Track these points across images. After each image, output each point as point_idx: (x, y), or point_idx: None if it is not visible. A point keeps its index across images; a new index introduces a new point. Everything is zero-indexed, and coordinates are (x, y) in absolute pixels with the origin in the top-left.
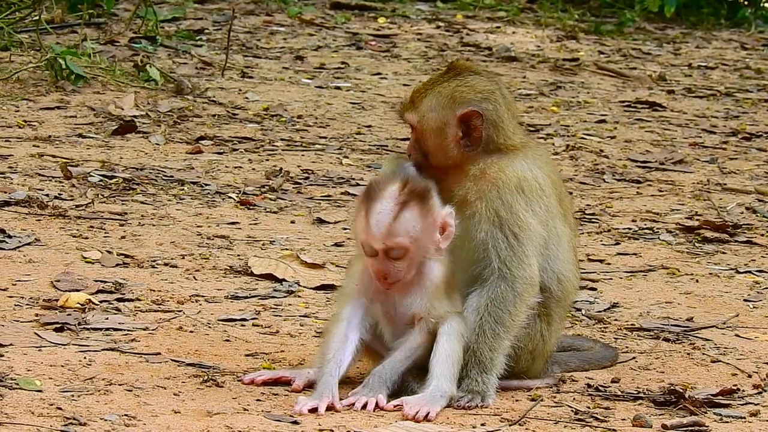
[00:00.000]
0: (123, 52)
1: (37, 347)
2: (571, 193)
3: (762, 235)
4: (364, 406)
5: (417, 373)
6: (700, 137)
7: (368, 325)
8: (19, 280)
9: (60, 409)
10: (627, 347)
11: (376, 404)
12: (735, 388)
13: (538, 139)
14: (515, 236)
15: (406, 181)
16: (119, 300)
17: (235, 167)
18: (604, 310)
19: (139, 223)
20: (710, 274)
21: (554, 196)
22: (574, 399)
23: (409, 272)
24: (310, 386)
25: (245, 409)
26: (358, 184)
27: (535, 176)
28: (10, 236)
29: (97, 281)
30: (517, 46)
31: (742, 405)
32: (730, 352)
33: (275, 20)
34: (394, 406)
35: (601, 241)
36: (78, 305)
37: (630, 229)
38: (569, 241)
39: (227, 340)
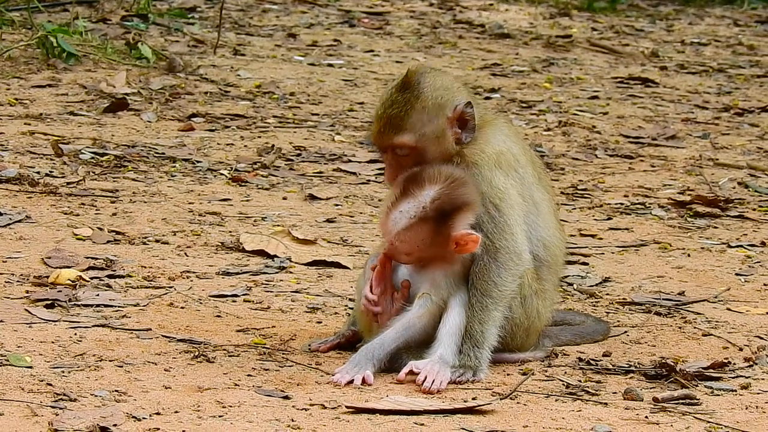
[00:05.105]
0: (115, 30)
1: (27, 324)
2: (563, 170)
3: (754, 209)
4: (350, 383)
5: (411, 350)
6: (693, 113)
7: None
8: (10, 257)
9: (50, 385)
10: (618, 321)
11: (363, 380)
12: (726, 361)
13: (531, 115)
14: (496, 207)
15: (441, 194)
16: (110, 276)
17: (227, 144)
18: (596, 285)
19: (131, 200)
20: (702, 248)
21: (529, 165)
22: (565, 373)
23: (415, 262)
24: None
25: (236, 385)
26: (350, 161)
27: (510, 148)
28: (1, 213)
29: (88, 258)
30: (510, 23)
31: (733, 378)
32: (722, 325)
33: None
34: (406, 374)
35: (593, 216)
36: (69, 282)
37: (622, 204)
38: (548, 205)
39: (218, 316)
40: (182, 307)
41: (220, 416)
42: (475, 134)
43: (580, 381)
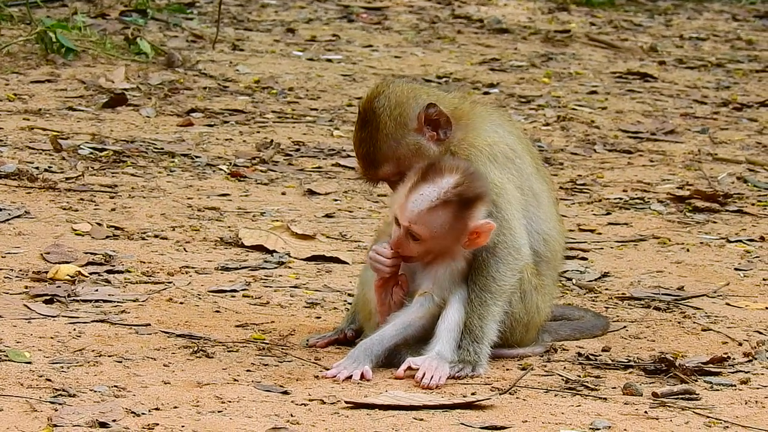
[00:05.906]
0: (114, 26)
1: (26, 319)
2: (561, 164)
3: (752, 204)
4: (348, 378)
5: (410, 346)
6: (691, 108)
7: None
8: (9, 253)
9: (49, 380)
10: (618, 316)
11: (362, 376)
12: (725, 356)
13: (530, 110)
14: (493, 203)
15: (462, 182)
16: (109, 272)
17: (226, 139)
18: (595, 280)
19: (130, 195)
20: (701, 243)
21: (526, 154)
22: (564, 368)
23: (422, 256)
24: None
25: (235, 380)
26: (348, 156)
27: (503, 137)
28: (0, 209)
29: (87, 253)
30: (509, 18)
31: (732, 373)
32: (721, 320)
33: None
34: (404, 371)
35: (592, 211)
36: (68, 277)
37: (621, 199)
38: (548, 196)
39: (217, 311)
40: (181, 303)
41: (219, 411)
42: (461, 127)
43: (579, 376)
